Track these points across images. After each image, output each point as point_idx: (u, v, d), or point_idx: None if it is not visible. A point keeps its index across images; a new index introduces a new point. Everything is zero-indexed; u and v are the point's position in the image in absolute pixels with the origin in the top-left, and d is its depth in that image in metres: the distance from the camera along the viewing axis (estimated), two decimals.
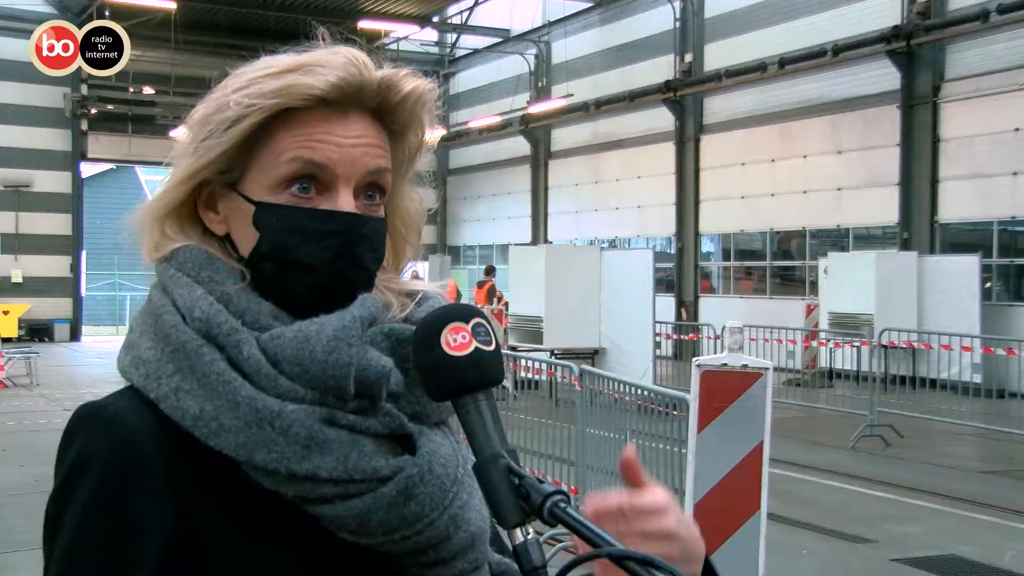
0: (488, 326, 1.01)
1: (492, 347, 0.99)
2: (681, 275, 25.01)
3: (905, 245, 19.05)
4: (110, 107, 30.79)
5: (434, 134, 1.19)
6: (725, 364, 4.43)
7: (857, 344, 15.70)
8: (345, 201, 1.06)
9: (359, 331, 1.04)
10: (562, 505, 0.91)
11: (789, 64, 21.23)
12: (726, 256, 24.55)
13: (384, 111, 1.11)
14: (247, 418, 0.99)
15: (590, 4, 27.65)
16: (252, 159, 1.08)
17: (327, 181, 1.07)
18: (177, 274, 1.07)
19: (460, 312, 1.00)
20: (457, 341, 0.98)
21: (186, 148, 1.10)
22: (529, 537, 0.92)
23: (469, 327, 0.99)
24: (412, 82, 1.11)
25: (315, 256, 1.06)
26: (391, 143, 1.13)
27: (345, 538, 1.02)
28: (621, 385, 7.53)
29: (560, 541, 6.38)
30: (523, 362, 11.99)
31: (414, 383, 1.07)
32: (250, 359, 1.01)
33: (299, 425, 0.99)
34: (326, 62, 1.07)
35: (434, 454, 1.05)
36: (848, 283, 17.79)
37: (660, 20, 25.21)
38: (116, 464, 1.00)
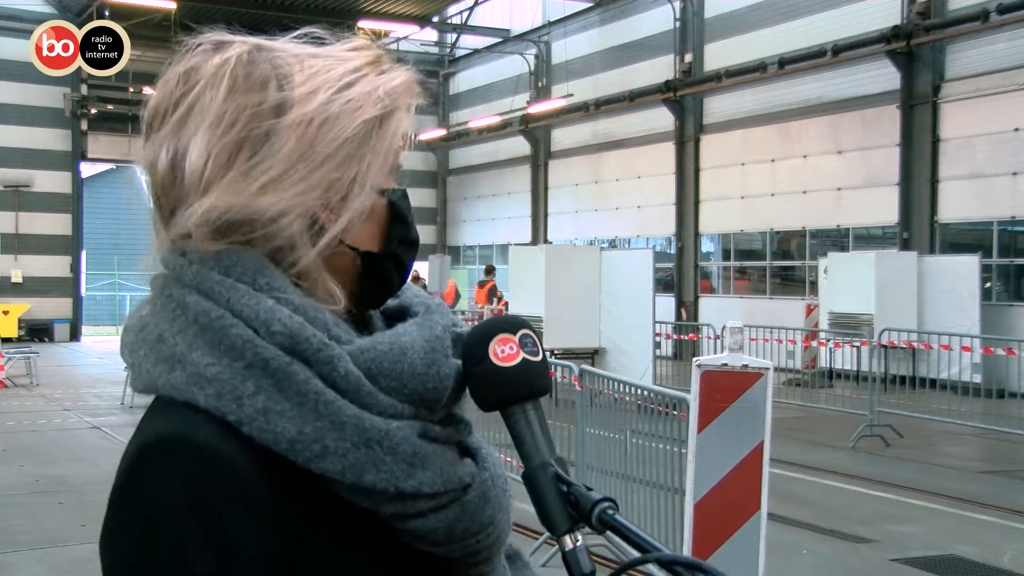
0: (534, 337, 1.03)
1: (539, 357, 1.02)
2: (681, 275, 25.01)
3: (905, 245, 19.05)
4: (110, 107, 30.78)
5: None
6: (725, 364, 4.43)
7: (857, 344, 15.69)
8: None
9: (449, 342, 1.05)
10: (610, 512, 0.93)
11: (789, 64, 21.23)
12: (726, 256, 24.54)
13: None
14: (354, 439, 0.95)
15: (590, 4, 27.65)
16: (371, 152, 1.05)
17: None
18: (226, 280, 0.98)
19: (507, 324, 1.03)
20: (505, 352, 1.00)
21: (329, 142, 1.02)
22: (578, 544, 0.94)
23: (516, 338, 1.01)
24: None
25: (415, 232, 1.12)
26: None
27: (423, 548, 1.01)
28: (621, 385, 7.53)
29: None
30: None
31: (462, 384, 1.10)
32: (348, 376, 0.97)
33: (405, 443, 0.98)
34: (391, 59, 1.11)
35: (492, 456, 1.07)
36: (848, 283, 17.78)
37: (660, 20, 25.21)
38: (224, 499, 0.92)
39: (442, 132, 32.38)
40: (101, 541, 0.95)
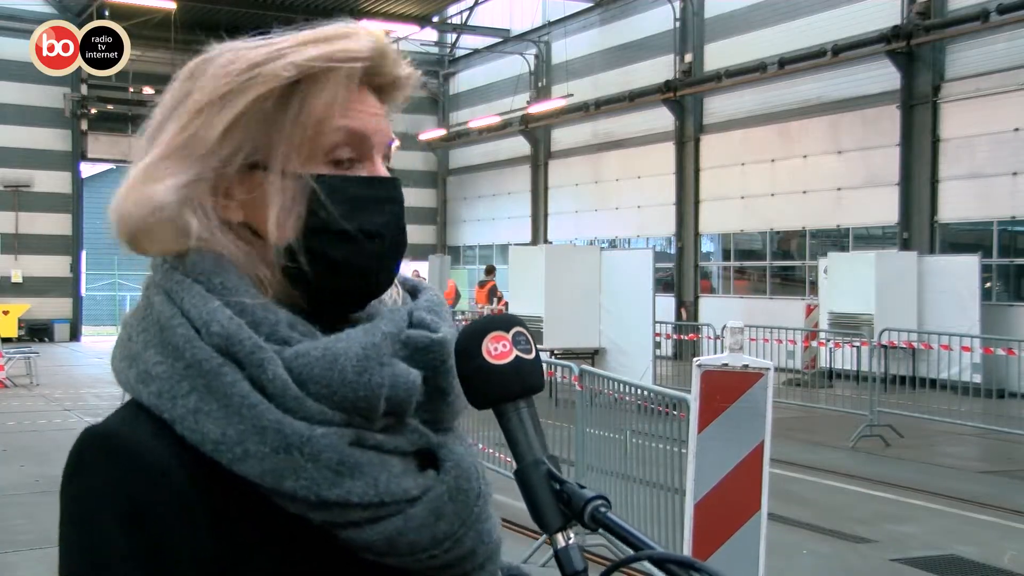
0: (528, 334, 1.01)
1: (532, 355, 1.01)
2: (681, 275, 25.00)
3: (905, 245, 19.05)
4: (110, 107, 30.79)
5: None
6: (726, 364, 4.43)
7: (857, 344, 15.69)
8: (381, 169, 1.06)
9: (388, 348, 1.00)
10: (603, 510, 0.92)
11: (789, 64, 21.23)
12: (726, 256, 24.54)
13: (383, 89, 1.09)
14: (274, 444, 0.93)
15: (590, 4, 27.65)
16: (278, 133, 1.01)
17: (366, 151, 1.05)
18: (186, 280, 0.99)
19: (501, 321, 1.01)
20: (498, 350, 0.99)
21: (197, 121, 1.00)
22: (571, 542, 0.93)
23: (510, 336, 1.00)
24: (409, 67, 1.11)
25: (377, 223, 1.03)
26: None
27: (368, 558, 0.99)
28: (621, 385, 7.53)
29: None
30: None
31: (438, 390, 1.05)
32: (275, 380, 0.95)
33: (330, 450, 0.94)
34: (355, 32, 1.05)
35: (459, 468, 1.02)
36: (848, 283, 17.78)
37: (660, 20, 25.22)
38: (147, 496, 0.93)
39: (442, 132, 32.37)
40: None
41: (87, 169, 32.66)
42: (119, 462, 0.94)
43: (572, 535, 0.94)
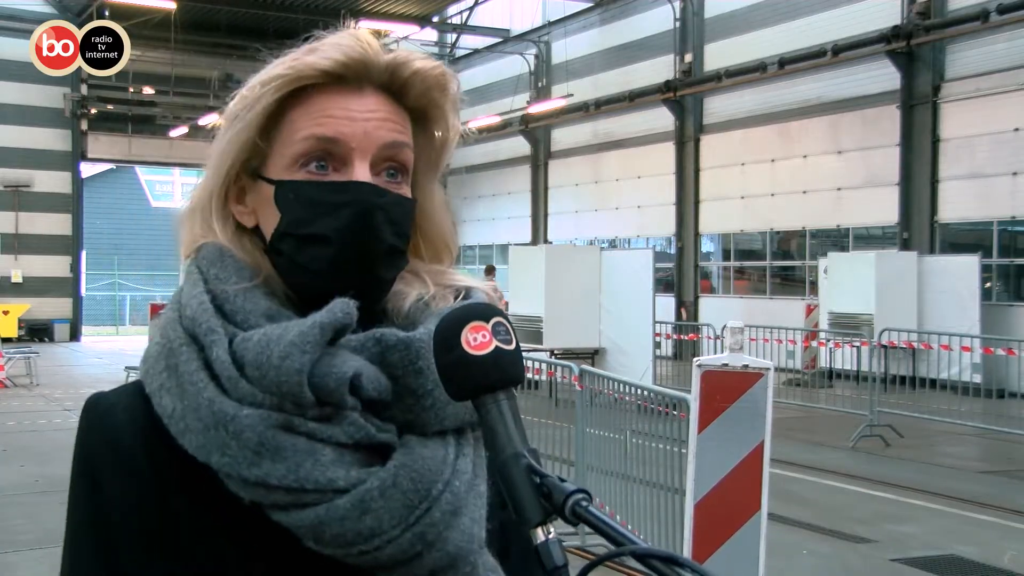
0: (508, 325, 0.99)
1: (512, 346, 0.98)
2: (681, 275, 25.01)
3: (905, 245, 19.05)
4: (110, 107, 30.80)
5: (472, 124, 1.19)
6: (726, 364, 4.43)
7: (857, 344, 15.69)
8: (360, 173, 1.07)
9: (317, 337, 1.01)
10: (584, 504, 0.90)
11: (789, 64, 21.22)
12: (726, 256, 24.55)
13: (398, 89, 1.11)
14: (206, 420, 1.00)
15: (590, 4, 27.65)
16: (272, 144, 1.09)
17: (342, 156, 1.07)
18: (194, 271, 1.09)
19: (480, 311, 0.99)
20: (477, 340, 0.97)
21: (215, 145, 1.12)
22: (551, 536, 0.91)
23: (489, 326, 0.98)
24: (424, 61, 1.12)
25: (329, 227, 1.06)
26: (416, 132, 1.14)
27: (311, 548, 1.00)
28: (621, 385, 7.53)
29: None
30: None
31: (408, 390, 1.05)
32: (217, 360, 1.01)
33: (250, 430, 0.98)
34: (331, 42, 1.09)
35: (406, 467, 1.01)
36: (848, 283, 17.79)
37: (660, 20, 25.22)
38: (102, 456, 1.05)
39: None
40: None
41: (87, 169, 32.70)
42: (90, 427, 1.08)
43: (552, 529, 0.92)
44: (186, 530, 1.03)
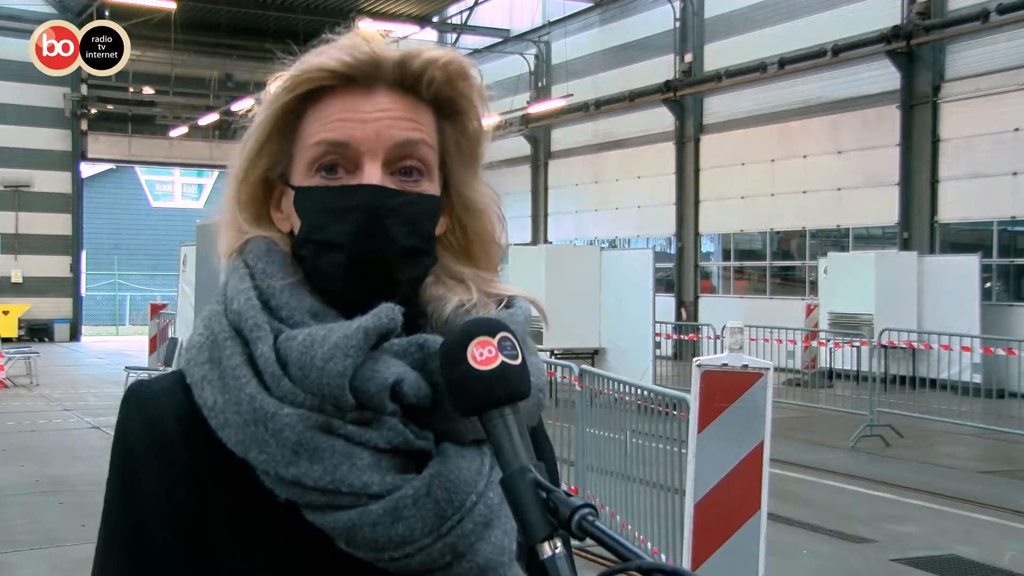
0: (515, 340, 0.99)
1: (518, 361, 0.98)
2: (681, 275, 25.01)
3: (905, 245, 19.05)
4: (110, 107, 30.81)
5: (490, 120, 1.18)
6: (726, 364, 4.43)
7: (857, 344, 15.69)
8: (371, 175, 1.06)
9: (361, 341, 1.01)
10: (590, 518, 0.90)
11: (789, 64, 21.23)
12: (726, 256, 24.55)
13: (411, 83, 1.09)
14: (246, 416, 1.00)
15: (590, 4, 27.65)
16: (293, 149, 1.10)
17: (353, 159, 1.07)
18: (240, 264, 1.09)
19: (486, 326, 0.99)
20: (483, 355, 0.96)
21: (237, 149, 1.14)
22: (557, 551, 0.91)
23: (495, 341, 0.97)
24: (435, 51, 1.10)
25: (340, 232, 1.06)
26: (445, 126, 1.13)
27: (343, 549, 1.00)
28: (621, 385, 7.53)
29: None
30: (543, 368, 11.97)
31: (440, 398, 1.04)
32: (261, 357, 1.02)
33: (289, 429, 0.99)
34: (338, 44, 1.09)
35: (441, 476, 1.01)
36: (848, 283, 17.79)
37: (660, 20, 25.22)
38: (140, 442, 1.06)
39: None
40: None
41: (87, 169, 32.70)
42: (131, 413, 1.08)
43: (559, 544, 0.91)
44: (220, 522, 1.03)
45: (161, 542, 1.03)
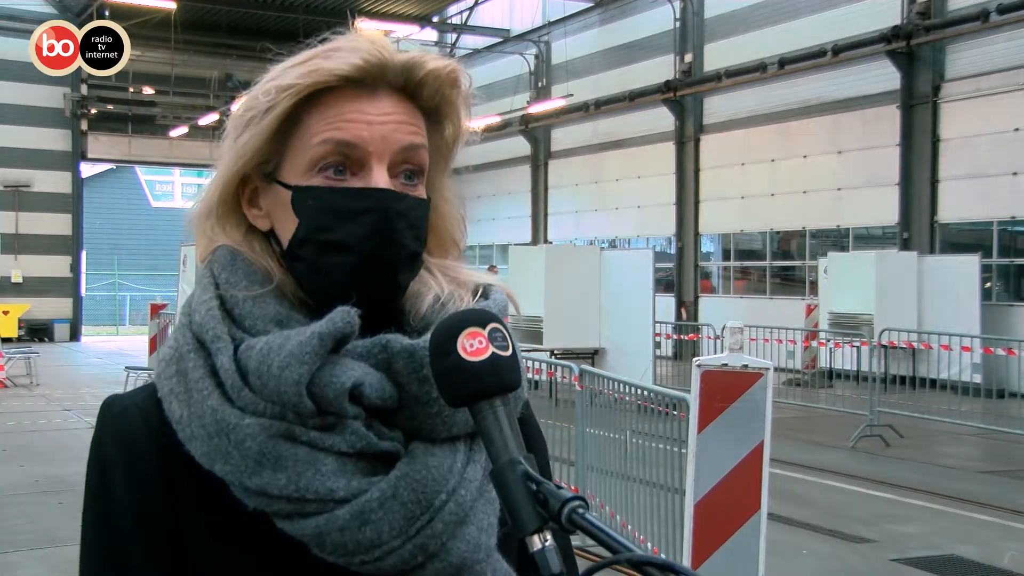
0: (505, 331, 0.98)
1: (509, 352, 0.97)
2: (681, 275, 25.01)
3: (905, 245, 19.05)
4: (110, 107, 30.80)
5: (472, 125, 1.19)
6: (725, 364, 4.43)
7: (857, 344, 15.69)
8: (379, 178, 1.06)
9: (316, 347, 1.00)
10: (581, 511, 0.89)
11: (789, 64, 21.22)
12: (726, 256, 24.54)
13: (413, 89, 1.11)
14: (209, 428, 1.00)
15: (590, 4, 27.65)
16: (287, 148, 1.08)
17: (360, 160, 1.06)
18: (207, 275, 1.09)
19: (477, 317, 0.98)
20: (474, 346, 0.96)
21: (226, 147, 1.11)
22: (547, 544, 0.90)
23: (486, 332, 0.96)
24: (438, 61, 1.12)
25: (351, 234, 1.05)
26: (429, 131, 1.14)
27: (317, 555, 1.00)
28: (621, 385, 7.53)
29: None
30: (523, 362, 11.97)
31: (413, 398, 1.04)
32: (221, 368, 1.02)
33: (251, 440, 0.99)
34: (346, 46, 1.08)
35: (408, 478, 1.00)
36: (848, 283, 17.78)
37: (660, 20, 25.21)
38: (113, 456, 1.06)
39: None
40: None
41: (87, 169, 32.70)
42: (104, 427, 1.08)
43: (549, 537, 0.90)
44: (194, 534, 1.04)
45: (137, 555, 1.05)
